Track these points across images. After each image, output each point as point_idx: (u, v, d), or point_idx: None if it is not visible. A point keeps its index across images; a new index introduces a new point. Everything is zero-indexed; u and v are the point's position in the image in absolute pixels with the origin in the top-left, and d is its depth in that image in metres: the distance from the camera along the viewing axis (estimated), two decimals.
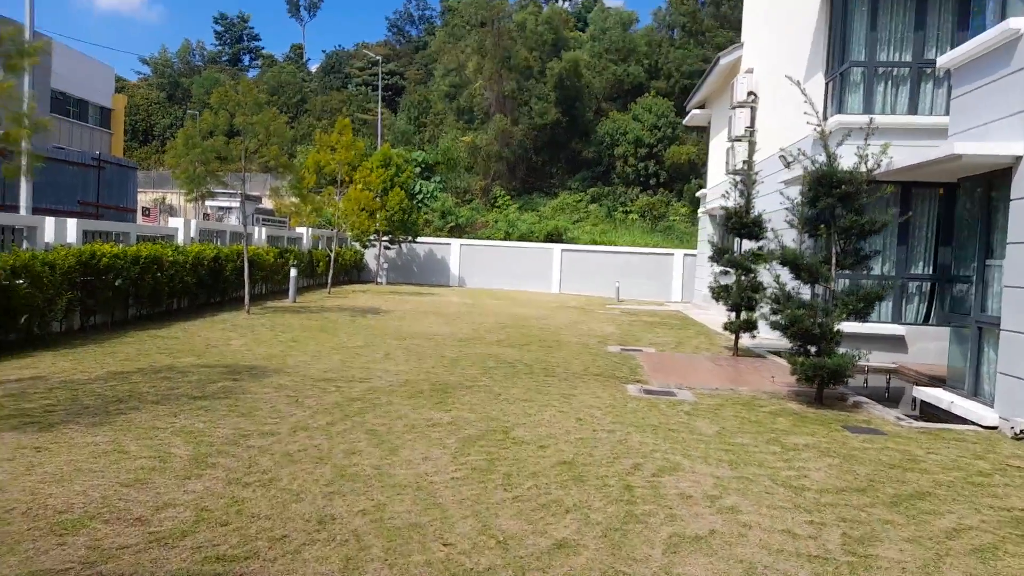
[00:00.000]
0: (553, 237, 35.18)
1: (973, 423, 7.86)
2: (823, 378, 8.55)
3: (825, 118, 13.69)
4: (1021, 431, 7.17)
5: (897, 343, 12.49)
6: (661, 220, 40.95)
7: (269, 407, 7.13)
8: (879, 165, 8.78)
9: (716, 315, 21.66)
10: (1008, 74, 7.84)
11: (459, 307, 19.66)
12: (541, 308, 21.02)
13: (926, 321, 12.57)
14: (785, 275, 9.31)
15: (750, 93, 18.51)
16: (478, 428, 6.68)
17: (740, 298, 12.86)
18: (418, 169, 35.09)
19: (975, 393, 8.38)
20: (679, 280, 28.67)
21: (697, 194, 26.35)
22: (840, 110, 13.01)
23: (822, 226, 8.80)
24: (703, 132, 42.28)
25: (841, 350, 8.77)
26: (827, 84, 13.69)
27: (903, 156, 12.64)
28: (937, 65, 9.52)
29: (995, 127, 8.04)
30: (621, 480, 5.34)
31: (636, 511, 4.76)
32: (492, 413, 7.35)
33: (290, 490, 4.84)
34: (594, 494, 5.03)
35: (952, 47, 11.15)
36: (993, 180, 8.29)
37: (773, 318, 9.06)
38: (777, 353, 13.62)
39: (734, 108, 18.75)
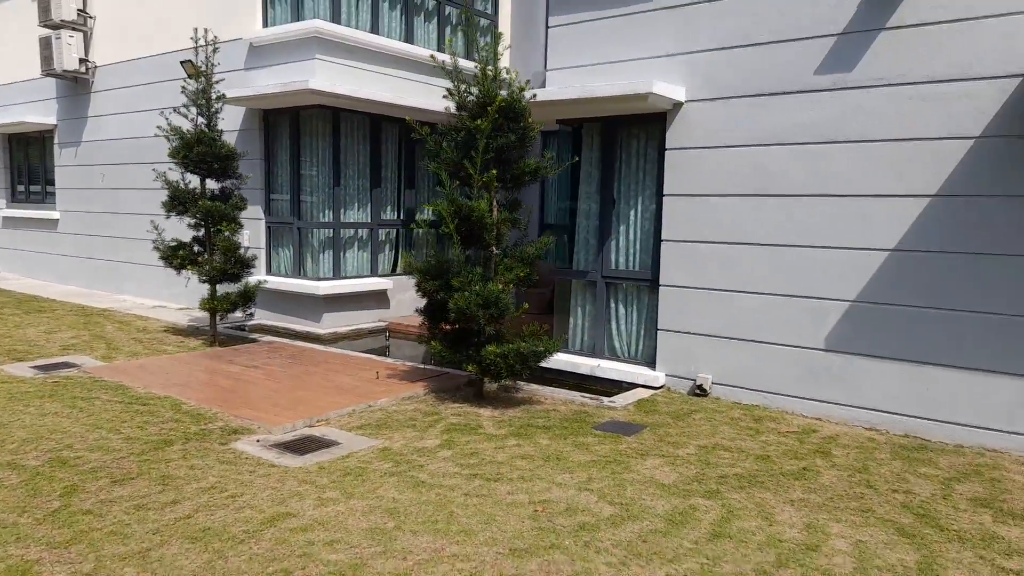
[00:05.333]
0: None
1: (640, 385, 7.49)
2: (531, 368, 6.63)
3: (266, 23, 10.75)
4: (701, 386, 7.18)
5: (381, 299, 11.15)
6: None
7: None
8: (535, 96, 7.10)
9: (32, 281, 15.13)
10: (660, 8, 7.34)
11: None
12: None
13: (393, 270, 11.58)
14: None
15: None
16: None
17: (227, 263, 8.97)
18: None
19: (606, 353, 8.02)
20: None
21: None
22: (299, 15, 10.29)
23: (494, 171, 6.61)
24: None
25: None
26: None
27: (364, 84, 11.28)
28: None
29: (634, 67, 7.50)
30: None
31: None
32: None
33: None
34: None
35: None
36: (619, 126, 7.81)
37: (452, 299, 6.43)
38: (263, 331, 10.33)
39: None
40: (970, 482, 5.06)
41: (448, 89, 7.12)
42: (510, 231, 6.75)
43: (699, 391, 7.21)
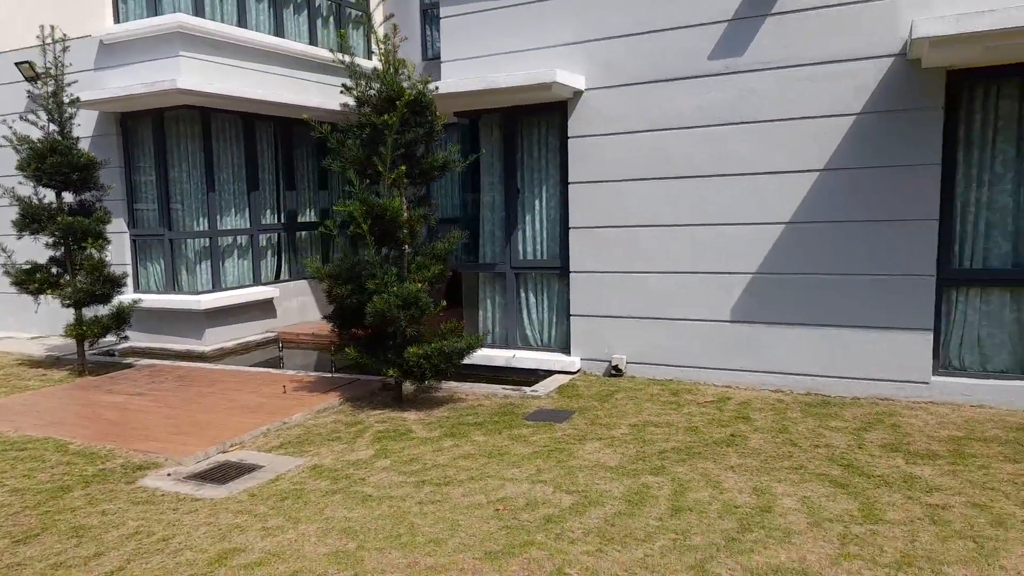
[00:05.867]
0: None
1: (557, 371, 7.53)
2: (455, 366, 6.47)
3: (118, 18, 9.88)
4: (616, 367, 7.34)
5: (267, 308, 10.57)
6: None
7: None
8: (437, 89, 6.91)
9: None
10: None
11: None
12: None
13: (277, 278, 11.01)
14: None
15: None
16: None
17: (95, 283, 8.12)
18: None
19: (518, 343, 8.00)
20: None
21: None
22: (158, 9, 9.51)
23: (403, 167, 6.37)
24: None
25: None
26: None
27: (235, 81, 10.98)
28: None
29: (532, 57, 7.48)
30: None
31: None
32: None
33: None
34: None
35: None
36: (519, 116, 7.77)
37: (371, 302, 6.12)
38: (136, 354, 9.46)
39: None
40: (876, 431, 5.50)
41: (344, 84, 6.80)
42: (423, 228, 6.56)
43: (615, 371, 7.37)
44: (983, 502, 4.15)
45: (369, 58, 12.44)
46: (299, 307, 11.21)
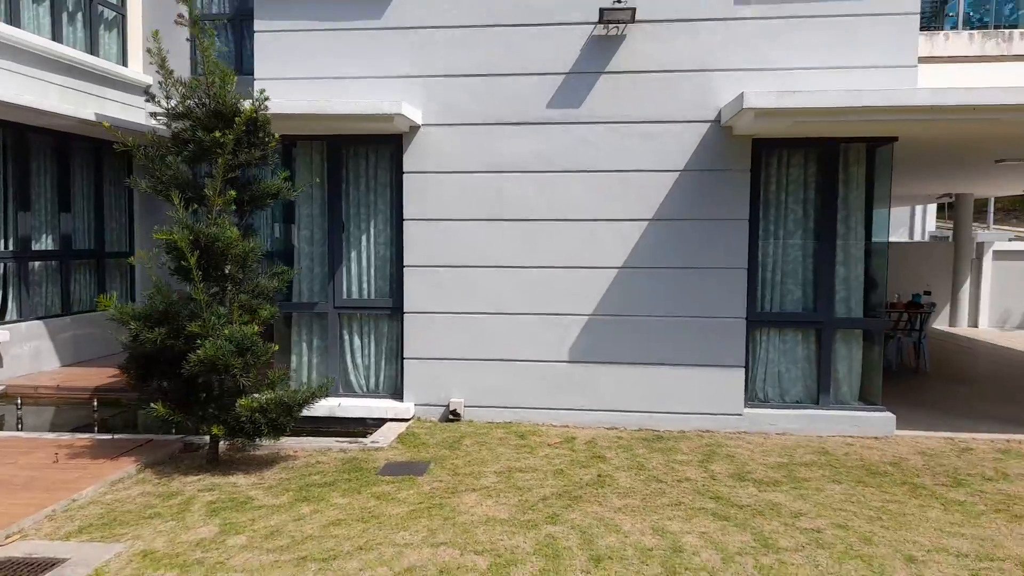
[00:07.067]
0: None
1: (388, 419, 7.02)
2: (295, 419, 5.63)
3: None
4: (455, 411, 7.08)
5: None
6: None
7: None
8: (266, 108, 6.11)
9: None
10: (393, 27, 6.99)
11: None
12: None
13: (2, 317, 8.96)
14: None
15: None
16: None
17: None
18: None
19: (341, 390, 7.31)
20: None
21: None
22: None
23: (233, 192, 5.51)
24: None
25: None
26: None
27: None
28: None
29: (362, 85, 7.03)
30: None
31: None
32: None
33: None
34: None
35: None
36: (345, 145, 7.21)
37: (202, 347, 5.09)
38: None
39: None
40: (716, 462, 5.93)
41: (148, 92, 5.77)
42: (257, 262, 5.71)
43: (453, 416, 7.08)
44: (842, 522, 4.65)
45: (125, 64, 10.83)
46: (32, 353, 9.14)
